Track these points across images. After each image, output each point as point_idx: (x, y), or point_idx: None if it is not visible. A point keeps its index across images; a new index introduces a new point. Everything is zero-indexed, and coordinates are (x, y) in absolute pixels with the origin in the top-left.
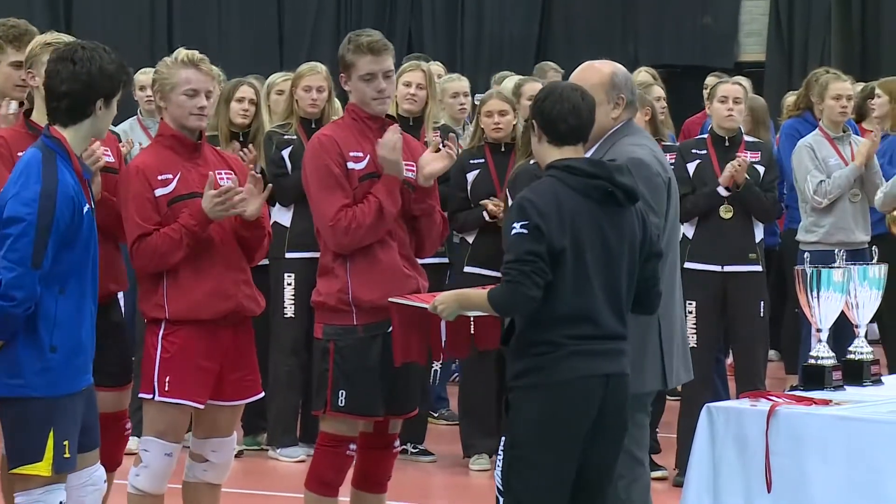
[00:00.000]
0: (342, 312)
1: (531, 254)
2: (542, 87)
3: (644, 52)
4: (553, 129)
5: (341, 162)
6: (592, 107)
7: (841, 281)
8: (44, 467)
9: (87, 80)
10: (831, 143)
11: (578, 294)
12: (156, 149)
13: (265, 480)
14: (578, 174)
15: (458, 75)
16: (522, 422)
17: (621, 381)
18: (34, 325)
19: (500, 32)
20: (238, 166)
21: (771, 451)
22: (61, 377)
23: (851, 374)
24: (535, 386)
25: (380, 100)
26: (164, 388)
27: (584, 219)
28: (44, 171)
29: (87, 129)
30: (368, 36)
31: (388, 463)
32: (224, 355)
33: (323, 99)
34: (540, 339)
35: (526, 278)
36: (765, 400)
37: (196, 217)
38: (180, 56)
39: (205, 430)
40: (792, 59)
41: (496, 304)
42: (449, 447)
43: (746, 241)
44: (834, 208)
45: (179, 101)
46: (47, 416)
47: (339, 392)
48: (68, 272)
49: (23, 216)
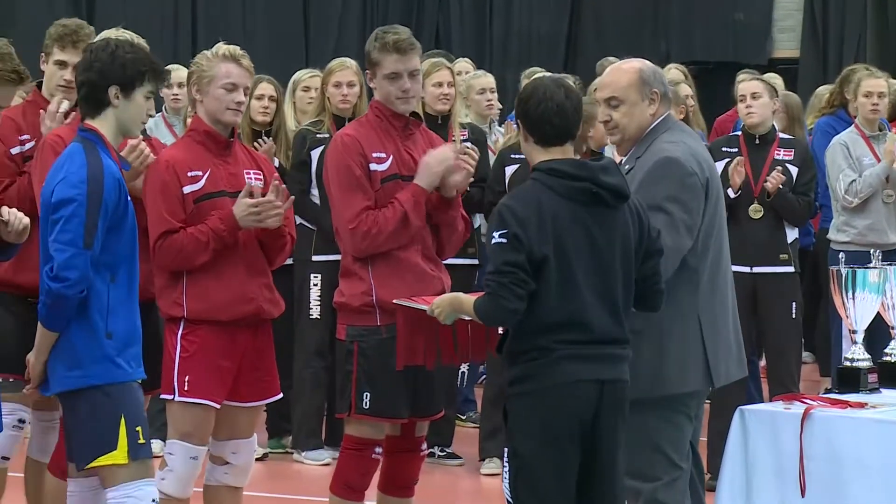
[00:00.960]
0: (366, 314)
1: (509, 264)
2: (525, 85)
3: (675, 48)
4: (538, 130)
5: (363, 163)
6: (578, 104)
7: (877, 281)
8: (119, 455)
9: (100, 67)
10: (867, 142)
11: (567, 300)
12: (187, 143)
13: (289, 484)
14: (561, 177)
15: (484, 72)
16: (520, 430)
17: (617, 387)
18: (87, 311)
19: (529, 28)
20: (267, 166)
21: (805, 455)
22: (120, 364)
23: (888, 376)
24: (528, 393)
25: (404, 99)
26: (184, 388)
27: (568, 223)
28: (88, 157)
29: (112, 121)
30: (395, 34)
31: (415, 466)
32: (242, 356)
33: (354, 94)
34: (531, 346)
35: (505, 290)
36: (799, 403)
37: (226, 222)
38: (221, 50)
39: (224, 431)
40: (827, 55)
41: (481, 314)
42: (477, 450)
43: (777, 241)
44: (867, 209)
45: (217, 95)
46: (114, 402)
47: (363, 394)
48: (118, 261)
49: (73, 197)
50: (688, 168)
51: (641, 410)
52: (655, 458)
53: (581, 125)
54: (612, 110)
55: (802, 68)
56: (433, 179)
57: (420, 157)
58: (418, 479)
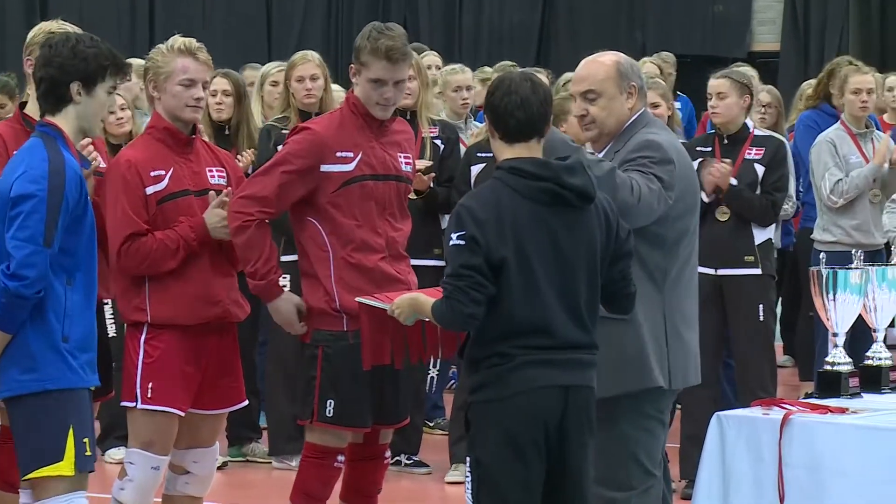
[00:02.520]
0: (332, 317)
1: (466, 267)
2: (494, 79)
3: (652, 41)
4: (502, 125)
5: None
6: (546, 98)
7: (858, 283)
8: (66, 467)
9: (60, 62)
10: (854, 140)
11: (528, 304)
12: (147, 142)
13: (250, 493)
14: (523, 176)
15: (462, 67)
16: (482, 439)
17: (582, 393)
18: (44, 313)
19: (500, 21)
20: (229, 163)
21: (784, 461)
22: (76, 369)
23: (869, 380)
24: (489, 400)
25: (383, 106)
26: (147, 395)
27: (529, 224)
28: (49, 151)
29: (73, 117)
30: (390, 40)
31: (378, 475)
32: (207, 362)
33: (319, 87)
34: (492, 352)
35: (462, 294)
36: (778, 408)
37: (197, 231)
38: (176, 44)
39: (186, 440)
40: (808, 48)
41: (438, 318)
42: (445, 457)
43: (743, 243)
44: (853, 208)
45: (175, 92)
46: (65, 410)
47: (326, 401)
48: (76, 263)
49: (33, 192)
50: (668, 154)
51: (615, 416)
52: (630, 467)
53: (550, 121)
54: (588, 104)
55: (783, 62)
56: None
57: (396, 153)
58: (381, 487)
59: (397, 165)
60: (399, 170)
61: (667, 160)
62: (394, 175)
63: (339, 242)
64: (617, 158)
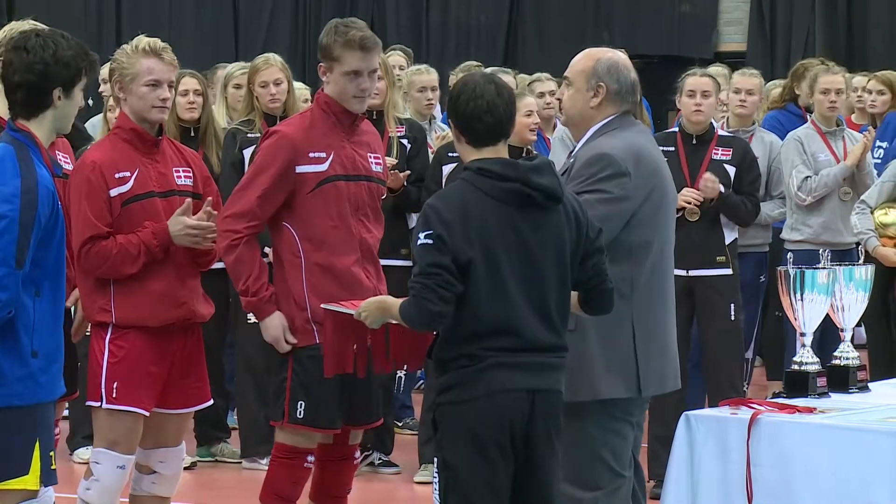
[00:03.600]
0: (305, 331)
1: (434, 266)
2: (457, 81)
3: (618, 41)
4: (469, 129)
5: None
6: (510, 100)
7: (826, 282)
8: (31, 480)
9: (43, 69)
10: (823, 138)
11: (496, 305)
12: (113, 142)
13: (219, 493)
14: (490, 177)
15: (427, 67)
16: (449, 441)
17: (550, 397)
18: (13, 329)
19: (468, 20)
20: (196, 162)
21: (752, 461)
22: (43, 384)
23: (837, 380)
24: (456, 402)
25: (360, 98)
26: (112, 395)
27: (496, 225)
28: (21, 165)
29: (50, 121)
30: (359, 31)
31: (348, 476)
32: (172, 362)
33: (282, 91)
34: (459, 353)
35: (430, 293)
36: (746, 408)
37: (159, 237)
38: (141, 45)
39: (152, 439)
40: (774, 48)
41: (405, 317)
42: (414, 457)
43: (714, 243)
44: (823, 207)
45: (141, 93)
46: (32, 425)
47: (297, 403)
48: (44, 274)
49: (4, 213)
50: (621, 166)
51: (581, 417)
52: (596, 467)
53: (515, 121)
54: (565, 89)
55: (750, 62)
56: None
57: (366, 153)
58: (351, 487)
59: (367, 166)
60: (369, 170)
61: (617, 174)
62: (364, 175)
63: (313, 246)
64: (577, 163)
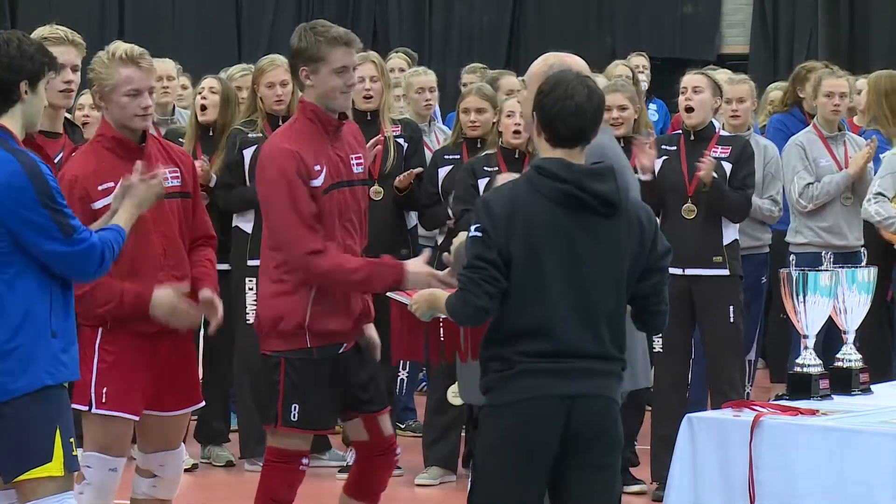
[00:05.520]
0: (295, 336)
1: (481, 258)
2: (549, 77)
3: (621, 43)
4: (550, 129)
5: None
6: (600, 106)
7: (828, 285)
8: (55, 467)
9: (8, 62)
10: (824, 143)
11: (532, 305)
12: (96, 151)
13: (220, 495)
14: (546, 176)
15: (425, 69)
16: (482, 442)
17: (591, 403)
18: (35, 308)
19: (470, 21)
20: (185, 161)
21: (755, 463)
22: (62, 366)
23: (839, 382)
24: (492, 405)
25: (346, 94)
26: (102, 400)
27: (544, 226)
28: (15, 153)
29: (20, 116)
30: (338, 28)
31: (388, 472)
32: (163, 365)
33: (288, 92)
34: (495, 355)
35: (475, 286)
36: (749, 410)
37: (138, 302)
38: (118, 52)
39: (151, 443)
40: (777, 51)
41: (451, 311)
42: (416, 459)
43: (711, 242)
44: (824, 211)
45: (122, 103)
46: (50, 410)
47: (291, 406)
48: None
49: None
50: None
51: None
52: None
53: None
54: (524, 91)
55: (752, 64)
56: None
57: (348, 155)
58: (387, 486)
59: (349, 170)
60: (351, 174)
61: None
62: (346, 181)
63: None
64: None
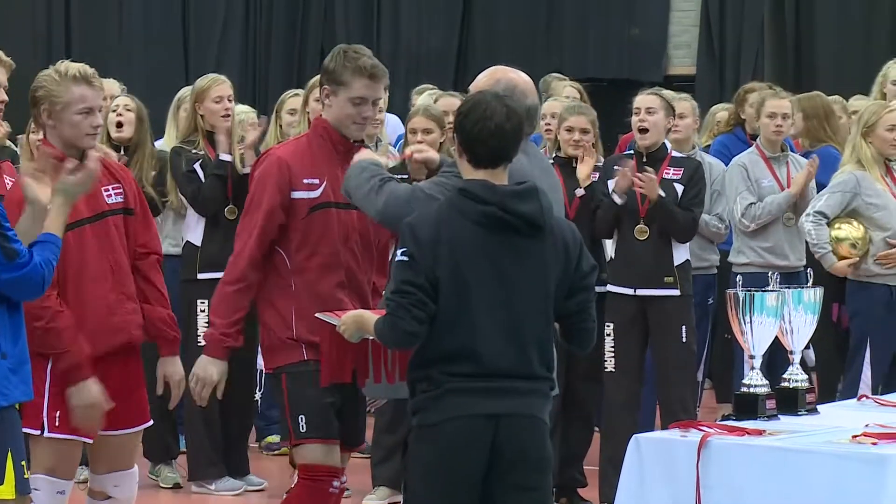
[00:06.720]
0: (290, 349)
1: (409, 283)
2: (466, 98)
3: (568, 64)
4: (471, 150)
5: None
6: (519, 124)
7: (775, 305)
8: (6, 490)
9: None
10: (767, 164)
11: (457, 328)
12: None
13: None
14: (470, 199)
15: None
16: (412, 464)
17: (515, 422)
18: None
19: (418, 43)
20: (126, 177)
21: (702, 483)
22: (13, 386)
23: (786, 402)
24: (420, 426)
25: (360, 125)
26: (55, 424)
27: (470, 248)
28: None
29: None
30: (370, 59)
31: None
32: (114, 386)
33: (232, 108)
34: (423, 376)
35: (404, 311)
36: (695, 430)
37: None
38: (70, 71)
39: (105, 463)
40: (723, 72)
41: (379, 335)
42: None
43: (662, 263)
44: (768, 231)
45: (74, 121)
46: (4, 431)
47: (298, 418)
48: None
49: None
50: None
51: None
52: None
53: (519, 146)
54: None
55: (699, 85)
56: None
57: None
58: None
59: None
60: None
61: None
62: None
63: (299, 270)
64: None
